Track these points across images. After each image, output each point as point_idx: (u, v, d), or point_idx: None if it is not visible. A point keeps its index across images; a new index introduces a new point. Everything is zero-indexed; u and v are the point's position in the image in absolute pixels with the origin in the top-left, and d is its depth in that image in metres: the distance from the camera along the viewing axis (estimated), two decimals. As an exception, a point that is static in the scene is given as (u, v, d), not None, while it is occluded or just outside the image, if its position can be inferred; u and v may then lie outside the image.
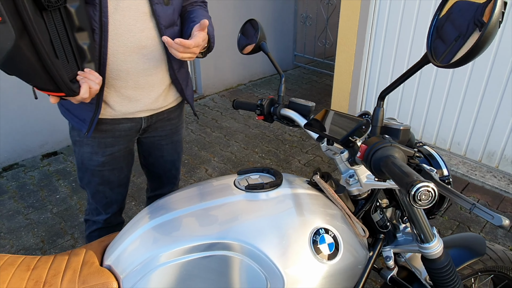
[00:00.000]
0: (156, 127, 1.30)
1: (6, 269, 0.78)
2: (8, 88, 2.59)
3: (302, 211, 0.79)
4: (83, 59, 0.98)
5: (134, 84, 1.13)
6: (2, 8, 0.76)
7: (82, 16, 0.94)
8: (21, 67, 0.84)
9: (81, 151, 1.23)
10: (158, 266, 0.73)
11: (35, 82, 0.87)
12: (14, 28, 0.77)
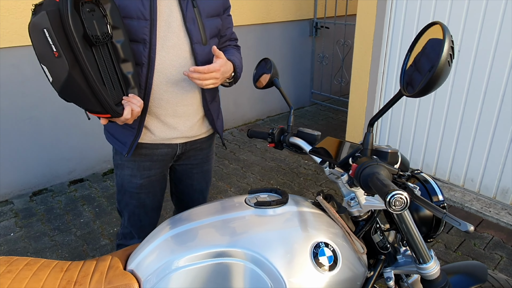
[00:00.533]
0: (189, 155, 1.42)
1: (42, 270, 0.89)
2: (46, 119, 2.81)
3: (305, 226, 0.88)
4: (128, 85, 1.13)
5: (173, 113, 1.27)
6: (59, 45, 0.91)
7: (126, 49, 1.10)
8: (75, 93, 0.98)
9: (122, 174, 1.36)
10: (175, 270, 0.82)
11: (87, 106, 1.02)
12: (67, 61, 0.92)
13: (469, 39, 2.41)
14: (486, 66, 2.37)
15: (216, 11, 1.29)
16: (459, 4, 2.40)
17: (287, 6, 4.05)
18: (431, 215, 1.00)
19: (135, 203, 1.39)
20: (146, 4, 1.14)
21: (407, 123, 2.88)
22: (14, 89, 2.65)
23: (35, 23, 0.91)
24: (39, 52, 0.93)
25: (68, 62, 0.93)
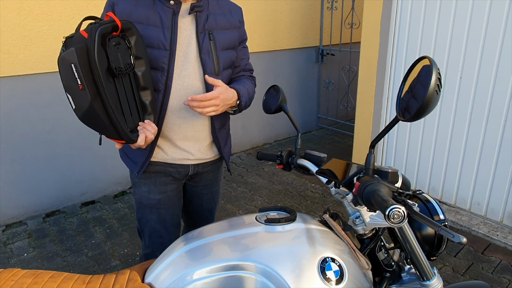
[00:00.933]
0: (201, 177, 1.48)
1: (66, 282, 0.95)
2: (61, 142, 2.92)
3: (313, 242, 0.93)
4: (145, 112, 1.20)
5: (183, 137, 1.35)
6: (83, 79, 0.99)
7: (147, 78, 1.18)
8: (95, 122, 1.06)
9: (140, 191, 1.43)
10: (190, 283, 0.88)
11: (104, 133, 1.09)
12: (90, 94, 1.00)
13: (470, 64, 2.49)
14: (488, 90, 2.44)
15: (232, 44, 1.36)
16: (459, 35, 2.50)
17: (294, 34, 4.20)
18: (433, 234, 1.04)
19: (155, 218, 1.43)
20: (167, 35, 1.23)
21: (412, 147, 2.93)
22: (33, 114, 2.77)
23: (64, 57, 0.98)
24: (66, 83, 1.01)
25: (91, 95, 1.01)
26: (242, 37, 1.42)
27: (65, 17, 2.71)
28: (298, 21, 4.19)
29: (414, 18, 2.70)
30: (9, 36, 2.53)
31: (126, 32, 1.11)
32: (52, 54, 2.72)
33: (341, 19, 4.33)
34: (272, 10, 3.92)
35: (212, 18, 1.31)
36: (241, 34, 1.41)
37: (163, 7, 1.24)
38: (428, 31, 2.65)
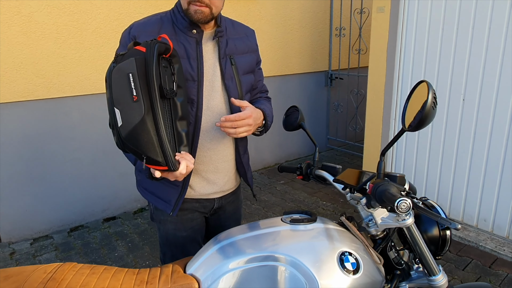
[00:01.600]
0: (224, 210, 1.47)
1: (119, 273, 1.10)
2: (86, 160, 3.11)
3: (332, 239, 1.08)
4: (181, 143, 1.13)
5: (214, 169, 1.34)
6: (140, 90, 0.98)
7: (184, 108, 1.14)
8: (142, 138, 1.01)
9: (166, 229, 1.39)
10: (228, 271, 1.02)
11: (150, 153, 1.02)
12: (144, 106, 0.99)
13: (472, 87, 2.66)
14: (490, 111, 2.59)
15: (251, 67, 1.39)
16: (461, 60, 2.68)
17: (304, 59, 4.43)
18: (438, 236, 1.18)
19: (180, 254, 1.41)
20: (194, 66, 1.23)
21: (419, 167, 3.07)
22: (63, 134, 2.98)
23: (122, 67, 0.99)
24: (117, 95, 0.99)
25: (145, 107, 0.99)
26: (258, 58, 1.44)
27: (95, 45, 2.95)
28: (308, 47, 4.42)
29: (418, 45, 2.89)
30: (46, 63, 2.77)
31: (173, 58, 1.11)
32: (82, 79, 2.95)
33: (349, 45, 4.56)
34: (284, 37, 4.16)
35: (232, 43, 1.32)
36: (257, 56, 1.42)
37: (186, 37, 1.24)
38: (431, 57, 2.83)
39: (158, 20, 1.26)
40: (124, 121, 1.00)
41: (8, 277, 1.04)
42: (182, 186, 1.30)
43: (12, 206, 2.86)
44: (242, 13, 3.75)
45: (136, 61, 0.99)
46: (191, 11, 1.19)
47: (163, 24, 1.25)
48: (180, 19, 1.25)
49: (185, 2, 1.19)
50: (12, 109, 2.73)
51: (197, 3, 1.17)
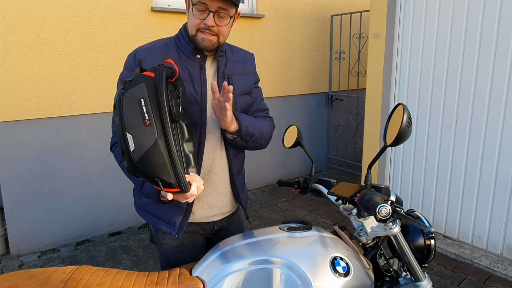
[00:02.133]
0: (226, 230, 1.50)
1: (131, 275, 1.21)
2: (94, 176, 3.23)
3: (325, 245, 1.19)
4: (189, 164, 1.13)
5: (215, 192, 1.38)
6: (152, 114, 1.00)
7: (190, 130, 1.15)
8: (155, 161, 1.02)
9: (167, 252, 1.41)
10: (230, 273, 1.13)
11: (163, 175, 1.04)
12: (157, 130, 1.01)
13: (464, 109, 2.79)
14: (481, 132, 2.71)
15: (249, 89, 1.42)
16: (453, 83, 2.83)
17: (305, 81, 4.60)
18: (423, 245, 1.29)
19: None
20: (198, 90, 1.27)
21: (415, 187, 3.17)
22: (72, 151, 3.11)
23: (133, 92, 1.01)
24: (129, 120, 1.01)
25: (157, 131, 1.01)
26: (256, 79, 1.48)
27: (106, 67, 3.13)
28: (309, 69, 4.60)
29: (413, 69, 3.05)
30: (60, 83, 2.94)
31: (177, 82, 1.13)
32: (93, 98, 3.11)
33: (348, 68, 4.74)
34: (286, 60, 4.34)
35: (231, 64, 1.37)
36: (255, 76, 1.47)
37: (190, 62, 1.28)
38: (425, 80, 2.98)
39: (163, 45, 1.31)
40: (137, 146, 1.01)
41: (31, 277, 1.15)
42: (186, 208, 1.32)
43: (21, 220, 2.97)
44: (246, 37, 3.94)
45: (147, 86, 1.02)
46: (198, 38, 1.24)
47: (168, 49, 1.30)
48: (185, 44, 1.29)
49: (193, 28, 1.24)
50: (26, 126, 2.88)
51: (206, 31, 1.22)
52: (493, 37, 2.57)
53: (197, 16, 1.21)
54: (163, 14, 3.34)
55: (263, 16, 3.99)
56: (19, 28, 2.72)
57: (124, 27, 3.16)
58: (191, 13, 1.23)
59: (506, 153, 2.60)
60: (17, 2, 2.68)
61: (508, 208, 2.64)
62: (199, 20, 1.22)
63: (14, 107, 2.80)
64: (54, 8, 2.83)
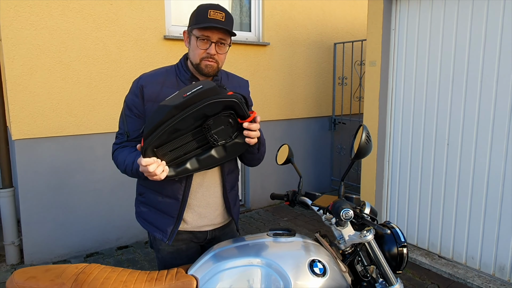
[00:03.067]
0: (219, 239, 1.60)
1: (134, 272, 1.37)
2: (105, 191, 3.43)
3: (306, 250, 1.34)
4: (176, 163, 1.32)
5: (206, 204, 1.53)
6: (192, 96, 1.21)
7: (208, 159, 1.36)
8: (155, 116, 1.22)
9: (164, 258, 1.56)
10: (220, 271, 1.29)
11: (146, 128, 1.24)
12: (181, 102, 1.20)
13: (455, 133, 2.93)
14: (471, 155, 2.84)
15: None
16: (444, 109, 2.99)
17: (309, 105, 4.80)
18: (396, 254, 1.43)
19: None
20: None
21: (411, 211, 3.29)
22: (87, 166, 3.33)
23: (209, 83, 1.26)
24: (184, 91, 1.24)
25: (180, 104, 1.21)
26: (250, 102, 1.59)
27: (121, 89, 3.38)
28: (313, 94, 4.81)
29: (407, 94, 3.22)
30: (78, 104, 3.19)
31: (240, 131, 1.34)
32: (108, 118, 3.35)
33: (351, 93, 4.93)
34: (290, 85, 4.57)
35: None
36: (249, 100, 1.60)
37: None
38: (418, 105, 3.15)
39: (163, 72, 1.50)
40: (163, 102, 1.23)
41: (48, 270, 1.32)
42: (177, 218, 1.48)
43: (36, 231, 3.16)
44: (252, 63, 4.19)
45: (216, 87, 1.23)
46: (202, 65, 1.42)
47: (168, 75, 1.48)
48: (183, 72, 1.48)
49: (197, 58, 1.42)
50: (45, 143, 3.12)
51: (209, 59, 1.41)
52: (479, 67, 2.75)
53: (201, 47, 1.41)
54: (174, 42, 3.61)
55: (269, 44, 4.24)
56: (44, 54, 3.00)
57: (139, 54, 3.43)
58: (194, 45, 1.42)
59: (495, 174, 2.72)
60: (44, 30, 2.97)
61: (498, 229, 2.73)
62: (202, 50, 1.41)
63: (35, 125, 3.04)
64: (76, 36, 3.11)
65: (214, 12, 1.39)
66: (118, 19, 3.29)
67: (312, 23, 4.63)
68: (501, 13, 2.61)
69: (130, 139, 1.48)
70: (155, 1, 3.46)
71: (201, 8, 1.42)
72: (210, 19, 1.38)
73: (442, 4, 2.93)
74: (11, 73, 2.90)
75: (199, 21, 1.40)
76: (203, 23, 1.38)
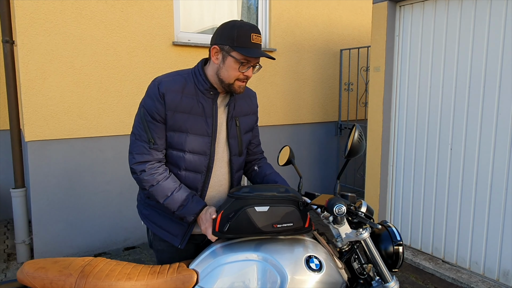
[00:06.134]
0: None
1: (138, 266, 1.43)
2: (114, 193, 3.52)
3: (303, 246, 1.39)
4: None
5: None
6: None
7: None
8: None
9: (162, 257, 1.61)
10: (220, 265, 1.34)
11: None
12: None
13: (458, 137, 2.95)
14: (474, 159, 2.86)
15: (251, 127, 1.63)
16: (447, 113, 3.01)
17: (315, 110, 4.85)
18: (392, 252, 1.46)
19: None
20: (209, 124, 1.47)
21: (415, 215, 3.30)
22: (97, 168, 3.42)
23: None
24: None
25: (264, 232, 1.35)
26: (256, 119, 1.69)
27: (131, 94, 3.48)
28: (319, 99, 4.86)
29: (411, 100, 3.25)
30: (89, 107, 3.29)
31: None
32: (117, 122, 3.44)
33: (357, 99, 4.97)
34: (296, 90, 4.62)
35: (238, 106, 1.54)
36: (256, 118, 1.67)
37: (204, 98, 1.46)
38: (422, 110, 3.18)
39: (182, 80, 1.46)
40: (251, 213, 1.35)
41: (56, 262, 1.39)
42: (189, 223, 1.50)
43: (47, 230, 3.25)
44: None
45: (303, 227, 1.39)
46: (235, 86, 1.43)
47: (187, 84, 1.45)
48: (202, 82, 1.45)
49: (232, 78, 1.41)
50: (57, 145, 3.22)
51: (244, 80, 1.43)
52: (482, 72, 2.77)
53: (240, 70, 1.40)
54: (183, 48, 3.70)
55: (275, 50, 4.31)
56: (57, 59, 3.12)
57: (148, 59, 3.52)
58: (232, 67, 1.40)
59: (498, 179, 2.73)
60: (57, 36, 3.09)
61: (502, 234, 2.73)
62: (240, 72, 1.41)
63: (47, 128, 3.15)
64: (88, 42, 3.22)
65: (256, 37, 1.37)
66: (128, 25, 3.39)
67: (318, 30, 4.69)
68: (504, 18, 2.64)
69: (155, 147, 1.44)
70: (164, 8, 3.57)
71: (241, 29, 1.37)
72: (253, 43, 1.36)
73: (445, 10, 2.97)
74: (25, 77, 3.02)
75: (242, 44, 1.36)
76: (247, 47, 1.36)
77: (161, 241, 1.60)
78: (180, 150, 1.46)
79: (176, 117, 1.42)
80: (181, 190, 1.45)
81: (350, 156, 1.21)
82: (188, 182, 1.50)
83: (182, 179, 1.50)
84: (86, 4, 3.19)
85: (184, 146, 1.45)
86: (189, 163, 1.47)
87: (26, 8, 2.96)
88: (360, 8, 5.07)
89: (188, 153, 1.46)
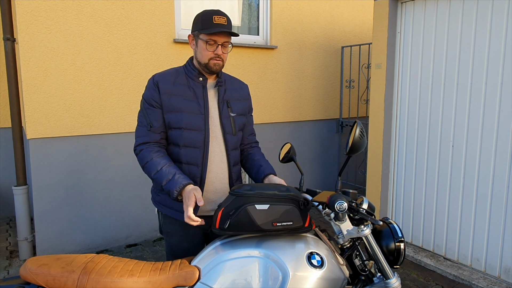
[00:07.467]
0: None
1: (140, 263, 1.44)
2: (116, 190, 3.52)
3: (305, 243, 1.39)
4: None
5: (214, 189, 1.68)
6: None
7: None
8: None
9: (171, 241, 1.70)
10: (222, 262, 1.34)
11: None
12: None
13: (459, 134, 2.95)
14: (476, 156, 2.85)
15: (243, 111, 1.78)
16: (449, 110, 3.00)
17: (317, 108, 4.84)
18: (394, 249, 1.46)
19: None
20: (201, 104, 1.64)
21: (416, 212, 3.30)
22: (98, 166, 3.42)
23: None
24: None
25: (264, 230, 1.37)
26: (250, 107, 1.85)
27: (132, 91, 3.47)
28: (321, 97, 4.85)
29: (412, 97, 3.25)
30: (90, 105, 3.30)
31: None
32: (119, 119, 3.44)
33: (358, 96, 4.96)
34: (298, 88, 4.62)
35: (229, 92, 1.73)
36: (249, 105, 1.83)
37: (195, 83, 1.66)
38: (423, 107, 3.17)
39: (174, 71, 1.69)
40: (251, 210, 1.38)
41: (59, 259, 1.40)
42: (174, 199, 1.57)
43: (49, 228, 3.26)
44: (260, 66, 4.25)
45: (303, 226, 1.41)
46: (211, 64, 1.63)
47: (178, 74, 1.68)
48: (191, 70, 1.68)
49: (206, 58, 1.62)
50: (59, 142, 3.22)
51: (216, 58, 1.62)
52: (484, 69, 2.76)
53: (209, 49, 1.61)
54: (184, 45, 3.70)
55: (276, 47, 4.31)
56: (58, 57, 3.12)
57: (149, 56, 3.52)
58: (203, 48, 1.62)
59: (500, 176, 2.73)
60: (58, 34, 3.09)
61: (504, 231, 2.73)
62: (210, 52, 1.61)
63: (49, 125, 3.15)
64: (89, 40, 3.22)
65: (218, 18, 1.58)
66: (129, 23, 3.39)
67: (319, 27, 4.68)
68: (506, 15, 2.62)
69: (152, 129, 1.63)
70: (165, 6, 3.56)
71: (205, 14, 1.60)
72: (215, 24, 1.56)
73: (447, 7, 2.96)
74: (26, 74, 3.02)
75: (205, 27, 1.58)
76: (210, 28, 1.56)
77: (170, 224, 1.70)
78: (178, 129, 1.63)
79: (172, 100, 1.62)
80: (170, 166, 1.57)
81: (351, 152, 1.21)
82: (189, 158, 1.65)
83: (183, 157, 1.65)
84: (87, 2, 3.18)
85: (181, 124, 1.62)
86: (186, 139, 1.63)
87: (27, 5, 2.96)
88: (362, 5, 5.05)
89: (185, 130, 1.62)
